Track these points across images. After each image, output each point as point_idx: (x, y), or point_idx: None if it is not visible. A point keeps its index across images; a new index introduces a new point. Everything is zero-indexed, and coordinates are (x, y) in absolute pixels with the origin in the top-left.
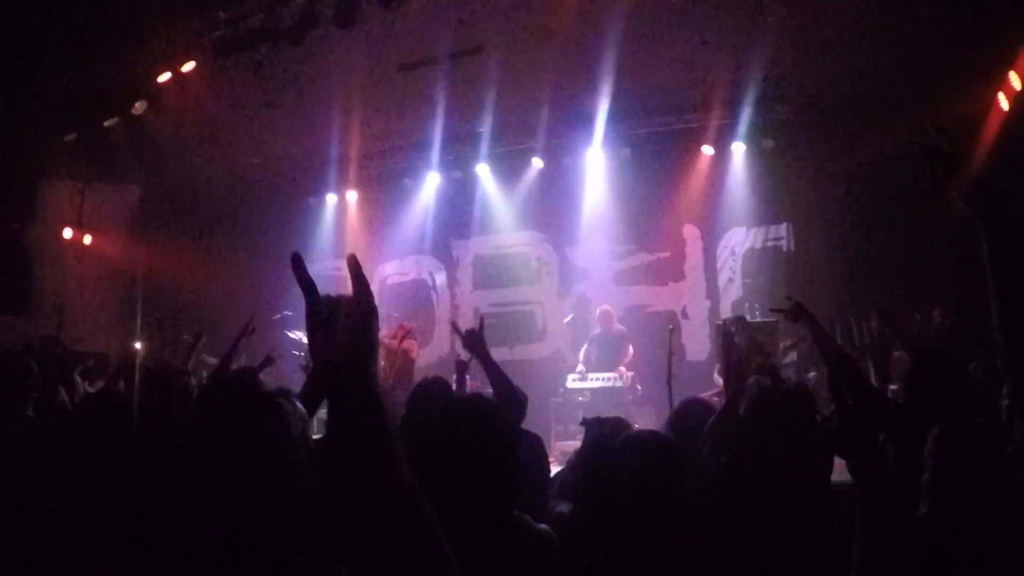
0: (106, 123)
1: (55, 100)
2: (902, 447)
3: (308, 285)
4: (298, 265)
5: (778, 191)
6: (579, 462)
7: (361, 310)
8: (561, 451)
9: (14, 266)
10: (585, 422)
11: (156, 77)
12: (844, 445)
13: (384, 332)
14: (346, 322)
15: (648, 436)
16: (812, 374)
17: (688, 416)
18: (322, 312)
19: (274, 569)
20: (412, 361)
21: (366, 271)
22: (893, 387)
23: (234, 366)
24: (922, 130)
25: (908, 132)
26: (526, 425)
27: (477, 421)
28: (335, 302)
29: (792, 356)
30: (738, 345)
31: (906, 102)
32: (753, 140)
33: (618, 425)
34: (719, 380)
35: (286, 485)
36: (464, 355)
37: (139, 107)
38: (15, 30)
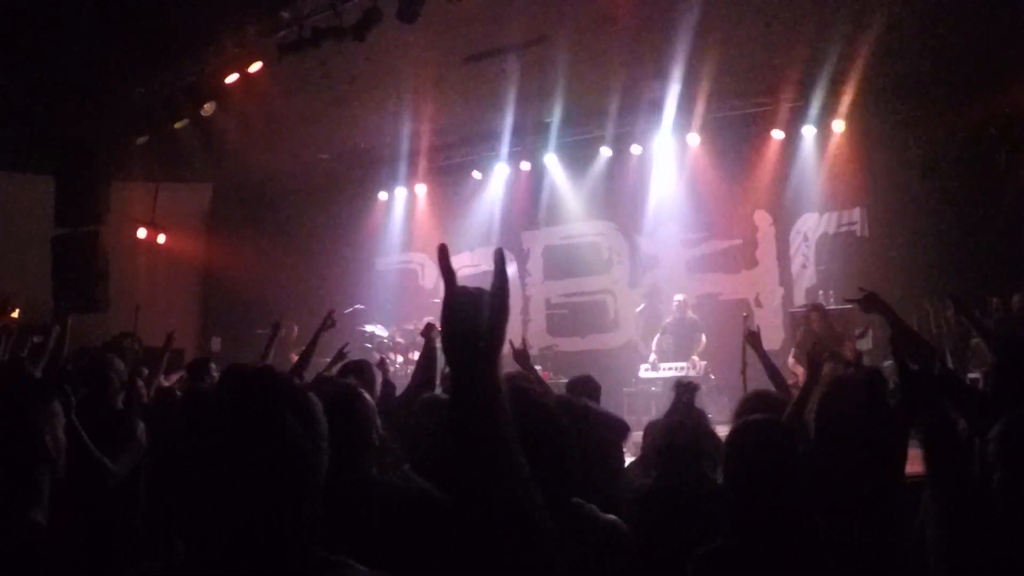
0: (176, 125)
1: (127, 104)
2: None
3: (450, 275)
4: (443, 255)
5: (850, 175)
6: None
7: (497, 304)
8: (635, 442)
9: (91, 266)
10: (678, 386)
11: (224, 78)
12: (909, 411)
13: None
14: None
15: (765, 422)
16: (887, 363)
17: (755, 410)
18: (465, 306)
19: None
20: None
21: (435, 264)
22: (973, 375)
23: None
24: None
25: (983, 114)
26: None
27: (523, 407)
28: (476, 297)
29: (868, 344)
30: (815, 333)
31: (980, 83)
32: (824, 123)
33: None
34: (794, 368)
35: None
36: (517, 341)
37: (208, 108)
38: (86, 40)
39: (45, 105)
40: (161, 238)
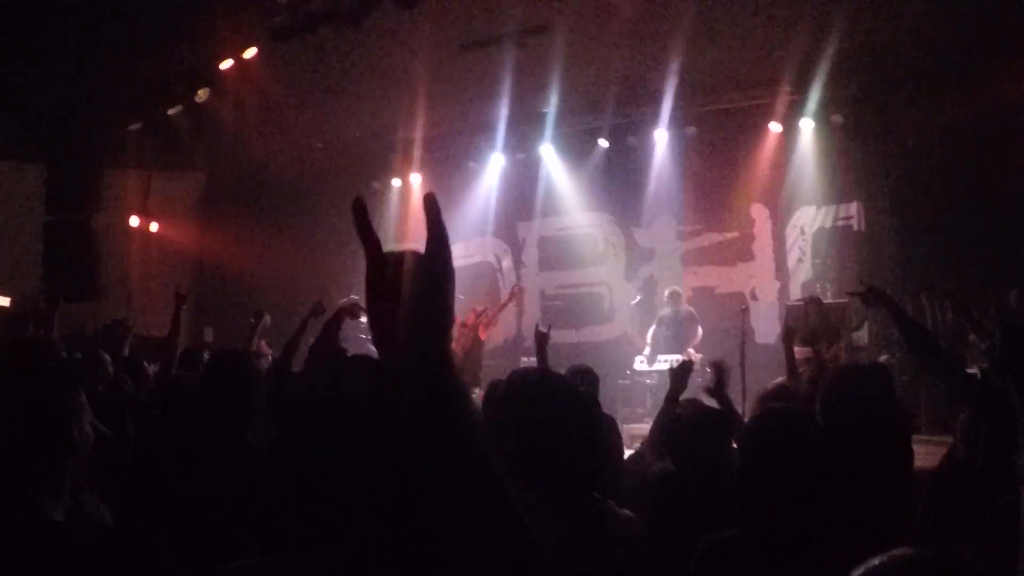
0: (170, 111)
1: (119, 90)
2: (990, 421)
3: (370, 236)
4: (360, 210)
5: (848, 169)
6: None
7: (434, 267)
8: (630, 435)
9: (82, 254)
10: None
11: (218, 64)
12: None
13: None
14: (415, 284)
15: (788, 411)
16: (884, 357)
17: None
18: (387, 272)
19: None
20: (482, 344)
21: None
22: (970, 371)
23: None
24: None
25: (981, 108)
26: None
27: (550, 400)
28: (400, 258)
29: (864, 338)
30: (811, 326)
31: (980, 77)
32: (822, 117)
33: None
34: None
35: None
36: (543, 326)
37: (202, 95)
38: (78, 23)
39: (37, 92)
40: (154, 226)
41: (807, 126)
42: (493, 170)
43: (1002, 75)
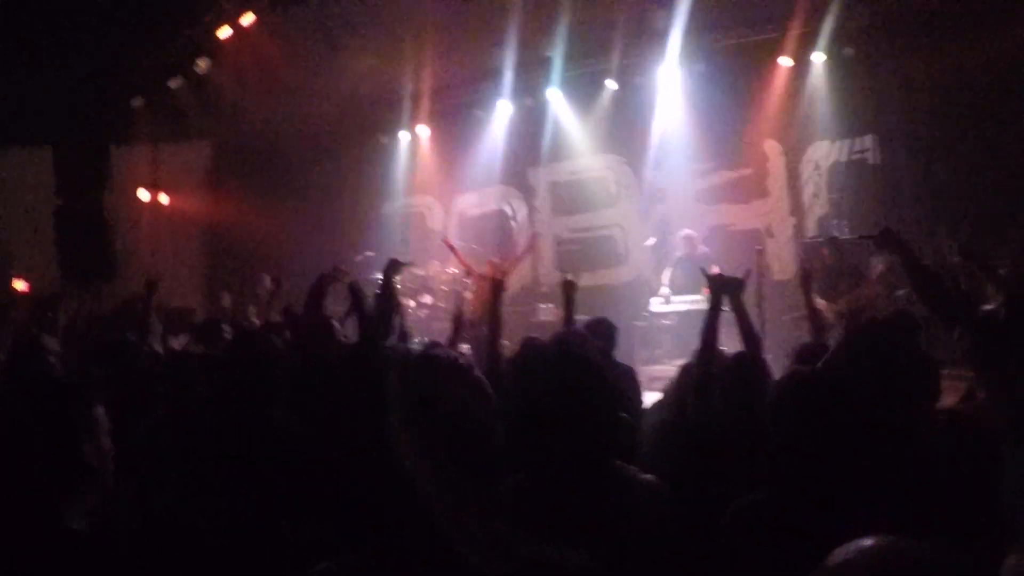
0: (171, 84)
1: (119, 67)
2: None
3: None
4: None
5: (862, 102)
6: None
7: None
8: (648, 376)
9: (95, 233)
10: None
11: (216, 33)
12: None
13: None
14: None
15: (819, 375)
16: (900, 292)
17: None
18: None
19: None
20: (504, 289)
21: (444, 206)
22: (988, 307)
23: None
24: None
25: (996, 40)
26: None
27: (568, 370)
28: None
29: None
30: (829, 267)
31: (994, 8)
32: (833, 49)
33: None
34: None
35: None
36: (571, 275)
37: (202, 65)
38: (75, 4)
39: (37, 75)
40: (164, 198)
41: (818, 59)
42: (501, 118)
43: (1018, 8)
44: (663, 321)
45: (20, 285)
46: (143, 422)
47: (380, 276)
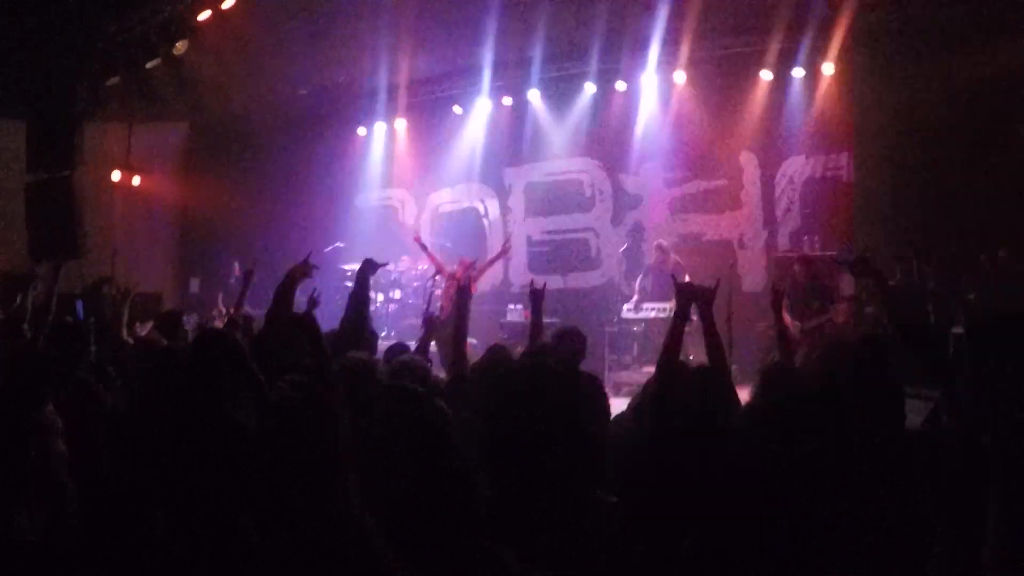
0: (148, 65)
1: (97, 45)
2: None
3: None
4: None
5: (838, 119)
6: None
7: None
8: (616, 383)
9: (64, 212)
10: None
11: (196, 15)
12: None
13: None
14: None
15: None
16: (869, 309)
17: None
18: None
19: None
20: (471, 296)
21: (417, 201)
22: (956, 330)
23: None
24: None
25: (973, 62)
26: None
27: (535, 397)
28: None
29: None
30: (801, 284)
31: (972, 33)
32: (812, 65)
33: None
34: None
35: None
36: (538, 282)
37: (180, 47)
38: None
39: (13, 49)
40: (136, 180)
41: (798, 75)
42: (479, 115)
43: (995, 36)
44: (633, 328)
45: None
46: (103, 422)
47: (354, 273)
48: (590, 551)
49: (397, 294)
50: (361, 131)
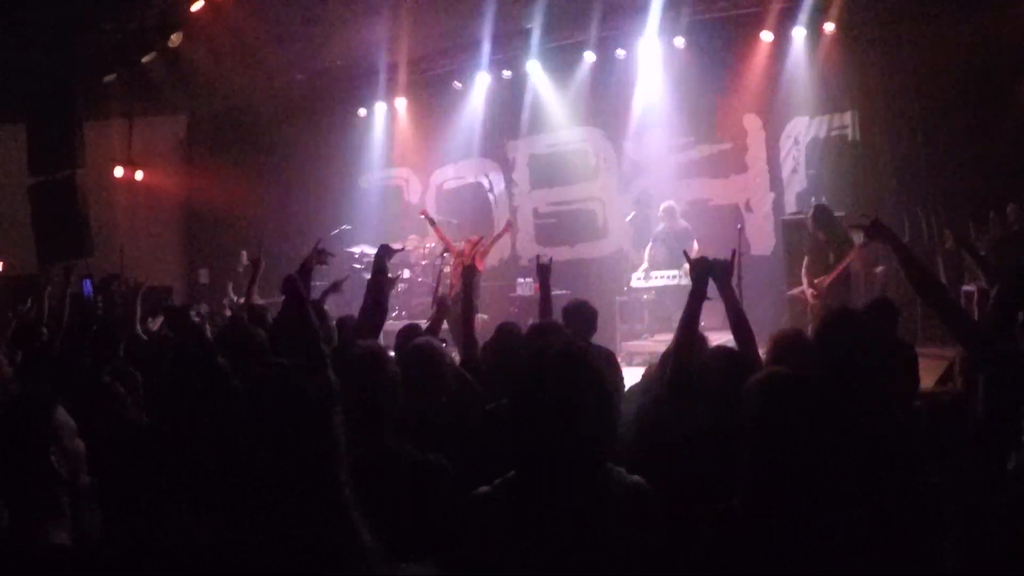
0: (144, 59)
1: (92, 42)
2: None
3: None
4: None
5: (842, 78)
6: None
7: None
8: (628, 352)
9: (70, 211)
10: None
11: (189, 7)
12: None
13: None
14: None
15: (799, 381)
16: (880, 268)
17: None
18: None
19: None
20: (479, 273)
21: (421, 178)
22: (967, 287)
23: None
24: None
25: (978, 20)
26: None
27: (568, 375)
28: None
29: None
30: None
31: None
32: (814, 25)
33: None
34: (806, 280)
35: None
36: (544, 257)
37: (175, 39)
38: None
39: (8, 52)
40: (139, 174)
41: (799, 35)
42: (479, 89)
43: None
44: (643, 296)
45: None
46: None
47: (362, 255)
48: (613, 534)
49: (406, 273)
50: (361, 112)
